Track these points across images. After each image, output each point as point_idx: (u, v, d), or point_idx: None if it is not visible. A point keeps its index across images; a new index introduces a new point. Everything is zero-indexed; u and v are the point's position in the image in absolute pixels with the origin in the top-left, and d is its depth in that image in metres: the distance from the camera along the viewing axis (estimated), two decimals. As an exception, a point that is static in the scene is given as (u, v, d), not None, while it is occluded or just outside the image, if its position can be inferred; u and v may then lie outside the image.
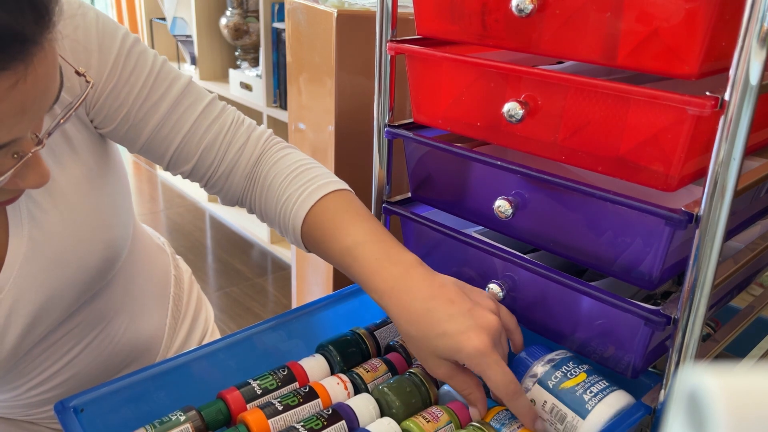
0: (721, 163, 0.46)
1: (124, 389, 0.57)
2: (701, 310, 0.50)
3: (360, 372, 0.62)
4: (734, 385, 0.19)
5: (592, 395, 0.55)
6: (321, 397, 0.58)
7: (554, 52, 0.54)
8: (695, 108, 0.46)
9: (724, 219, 0.47)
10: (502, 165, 0.59)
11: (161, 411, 0.56)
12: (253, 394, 0.58)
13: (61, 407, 0.54)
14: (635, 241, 0.54)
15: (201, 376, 0.62)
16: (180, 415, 0.55)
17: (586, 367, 0.58)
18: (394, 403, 0.58)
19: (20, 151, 0.47)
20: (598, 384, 0.56)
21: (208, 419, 0.56)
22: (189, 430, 0.54)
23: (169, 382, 0.60)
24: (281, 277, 2.35)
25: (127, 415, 0.57)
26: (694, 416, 0.20)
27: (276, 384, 0.60)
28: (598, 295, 0.56)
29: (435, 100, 0.65)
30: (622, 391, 0.57)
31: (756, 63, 0.43)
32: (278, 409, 0.56)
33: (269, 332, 0.67)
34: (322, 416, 0.55)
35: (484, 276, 0.66)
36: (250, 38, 2.55)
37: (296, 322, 0.68)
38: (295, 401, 0.57)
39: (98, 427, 0.55)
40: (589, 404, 0.55)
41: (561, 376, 0.57)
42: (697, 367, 0.20)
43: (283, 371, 0.61)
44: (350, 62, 1.19)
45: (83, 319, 0.67)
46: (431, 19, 0.63)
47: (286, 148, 0.68)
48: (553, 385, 0.57)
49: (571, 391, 0.56)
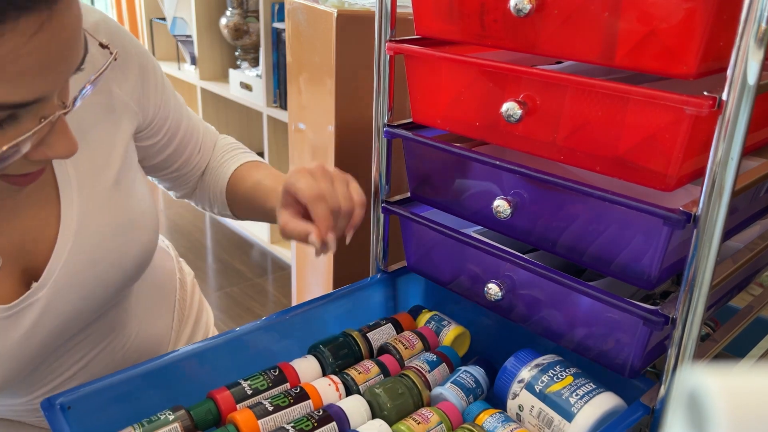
0: (719, 163, 0.46)
1: (112, 387, 0.56)
2: (700, 310, 0.50)
3: (352, 373, 0.62)
4: (734, 385, 0.19)
5: (578, 398, 0.55)
6: (312, 399, 0.58)
7: (553, 52, 0.54)
8: (693, 108, 0.47)
9: (723, 219, 0.47)
10: (500, 165, 0.59)
11: (150, 410, 0.56)
12: (244, 394, 0.58)
13: (47, 404, 0.53)
14: (634, 240, 0.54)
15: (191, 376, 0.61)
16: (169, 415, 0.54)
17: (573, 371, 0.58)
18: (385, 404, 0.57)
19: (47, 115, 0.47)
20: (585, 386, 0.56)
21: (197, 419, 0.55)
22: (178, 429, 0.54)
23: (158, 381, 0.59)
24: (281, 278, 2.35)
25: (115, 414, 0.56)
26: (693, 416, 0.20)
27: (267, 384, 0.59)
28: (597, 294, 0.56)
29: (434, 100, 0.65)
30: (609, 393, 0.56)
31: (753, 63, 0.43)
32: (268, 410, 0.55)
33: (261, 332, 0.66)
34: (313, 417, 0.54)
35: (483, 276, 0.66)
36: (250, 38, 2.55)
37: (289, 322, 0.68)
38: (285, 402, 0.56)
39: (86, 425, 0.54)
40: (575, 407, 0.55)
41: (548, 380, 0.57)
42: (696, 367, 0.20)
43: (275, 372, 0.60)
44: (350, 62, 1.19)
45: (100, 326, 0.68)
46: (430, 19, 0.63)
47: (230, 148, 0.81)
48: (540, 390, 0.57)
49: (557, 394, 0.56)
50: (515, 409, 0.58)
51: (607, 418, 0.55)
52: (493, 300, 0.64)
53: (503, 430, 0.55)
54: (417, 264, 0.74)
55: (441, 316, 0.70)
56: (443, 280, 0.71)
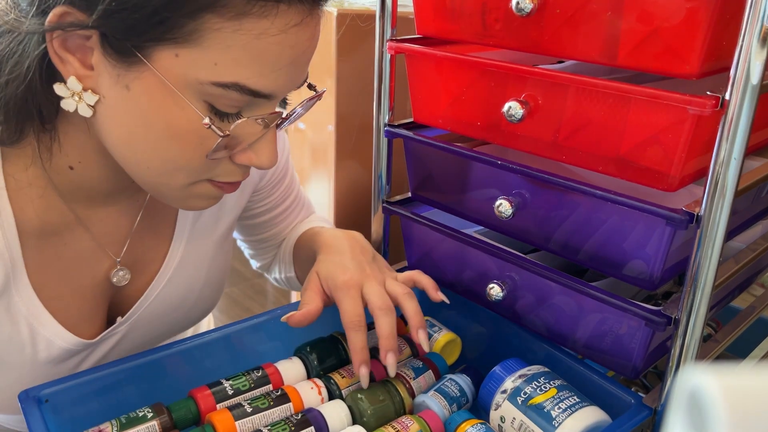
0: (722, 163, 0.46)
1: (92, 381, 0.56)
2: (702, 311, 0.50)
3: (335, 377, 0.60)
4: (735, 386, 0.19)
5: (560, 411, 0.54)
6: (293, 402, 0.57)
7: (555, 51, 0.54)
8: (696, 108, 0.46)
9: (725, 219, 0.47)
10: (502, 165, 0.59)
11: (130, 406, 0.55)
12: (225, 394, 0.57)
13: (24, 396, 0.52)
14: (636, 241, 0.54)
15: (173, 373, 0.60)
16: (148, 412, 0.53)
17: (558, 383, 0.56)
18: (366, 411, 0.56)
19: (267, 119, 0.49)
20: (568, 400, 0.55)
21: (176, 417, 0.54)
22: (156, 427, 0.53)
23: (139, 377, 0.58)
24: (281, 278, 2.35)
25: (94, 408, 0.56)
26: (695, 416, 0.20)
27: (249, 385, 0.58)
28: (599, 295, 0.56)
29: (435, 99, 0.65)
30: (593, 407, 0.55)
31: (757, 62, 0.43)
32: (247, 411, 0.54)
33: (247, 331, 0.65)
34: (291, 422, 0.53)
35: (484, 276, 0.66)
36: (251, 38, 2.55)
37: (276, 322, 0.66)
38: (265, 404, 0.55)
39: (63, 418, 0.54)
40: (556, 420, 0.53)
41: (531, 392, 0.56)
42: (698, 368, 0.20)
43: (258, 372, 0.59)
44: (350, 62, 1.19)
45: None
46: (431, 18, 0.63)
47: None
48: (522, 401, 0.55)
49: (539, 407, 0.54)
50: (497, 420, 0.57)
51: None
52: (495, 300, 0.64)
53: None
54: (418, 264, 0.74)
55: (433, 321, 0.68)
56: (444, 281, 0.71)
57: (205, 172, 0.51)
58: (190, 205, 0.54)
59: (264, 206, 0.75)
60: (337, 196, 1.23)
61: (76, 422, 0.54)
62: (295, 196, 0.79)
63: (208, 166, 0.50)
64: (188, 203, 0.54)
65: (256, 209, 0.75)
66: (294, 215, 0.80)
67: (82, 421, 0.53)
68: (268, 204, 0.76)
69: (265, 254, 0.82)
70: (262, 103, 0.49)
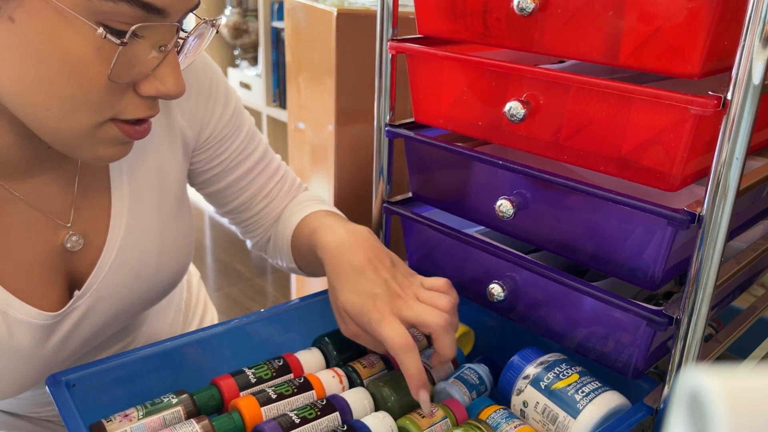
0: (724, 163, 0.46)
1: (116, 368, 0.57)
2: (703, 311, 0.50)
3: (356, 367, 0.62)
4: (736, 386, 0.19)
5: (583, 395, 0.55)
6: (315, 389, 0.58)
7: (556, 51, 0.54)
8: (698, 107, 0.46)
9: (727, 219, 0.47)
10: (503, 165, 0.59)
11: (152, 393, 0.56)
12: (247, 382, 0.58)
13: (52, 380, 0.54)
14: (637, 241, 0.54)
15: (194, 362, 0.61)
16: (172, 398, 0.54)
17: (578, 369, 0.58)
18: (389, 397, 0.57)
19: (164, 42, 0.47)
20: (590, 384, 0.56)
21: (200, 403, 0.55)
22: (180, 412, 0.54)
23: (161, 365, 0.59)
24: (281, 278, 2.35)
25: (118, 394, 0.57)
26: (695, 417, 0.20)
27: (271, 374, 0.59)
28: (600, 295, 0.56)
29: (436, 99, 0.65)
30: (614, 392, 0.56)
31: (758, 62, 0.43)
32: (272, 398, 0.55)
33: (266, 323, 0.66)
34: (316, 406, 0.55)
35: (485, 276, 0.66)
36: (250, 37, 2.54)
37: (293, 313, 0.68)
38: (289, 391, 0.56)
39: (89, 404, 0.54)
40: (580, 404, 0.55)
41: (553, 377, 0.57)
42: (698, 368, 0.20)
43: (279, 362, 0.61)
44: (350, 62, 1.19)
45: (119, 332, 0.69)
46: (432, 18, 0.63)
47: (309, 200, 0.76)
48: (545, 386, 0.57)
49: (562, 391, 0.56)
50: (519, 405, 0.58)
51: (611, 416, 0.55)
52: (496, 301, 0.64)
53: (507, 425, 0.55)
54: (419, 264, 0.74)
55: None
56: (445, 281, 0.71)
57: (108, 107, 0.48)
58: (100, 153, 0.51)
59: (218, 166, 0.69)
60: (337, 196, 1.23)
61: (102, 407, 0.55)
62: (261, 158, 0.72)
63: (110, 101, 0.47)
64: (97, 152, 0.51)
65: (209, 170, 0.70)
66: (271, 185, 0.74)
67: (107, 406, 0.55)
68: (223, 163, 0.69)
69: (251, 234, 0.78)
70: (157, 22, 0.46)
